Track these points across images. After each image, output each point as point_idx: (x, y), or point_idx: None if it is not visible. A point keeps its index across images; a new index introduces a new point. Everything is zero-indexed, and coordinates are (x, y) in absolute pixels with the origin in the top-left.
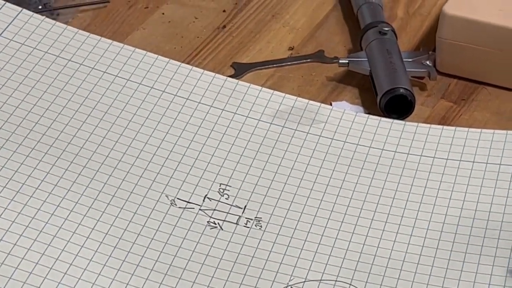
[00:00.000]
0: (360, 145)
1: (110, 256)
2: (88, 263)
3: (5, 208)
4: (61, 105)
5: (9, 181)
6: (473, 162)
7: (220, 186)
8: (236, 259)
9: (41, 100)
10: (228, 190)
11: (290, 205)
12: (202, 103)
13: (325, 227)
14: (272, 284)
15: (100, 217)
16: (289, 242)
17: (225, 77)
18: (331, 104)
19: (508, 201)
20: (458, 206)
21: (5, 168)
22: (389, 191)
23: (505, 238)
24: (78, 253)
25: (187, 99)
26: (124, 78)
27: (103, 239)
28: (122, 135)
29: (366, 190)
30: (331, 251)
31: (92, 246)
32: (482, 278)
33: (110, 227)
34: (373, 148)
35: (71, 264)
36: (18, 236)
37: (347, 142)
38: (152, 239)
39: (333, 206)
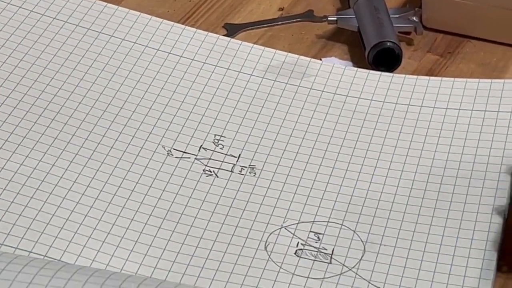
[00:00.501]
0: (350, 96)
1: (110, 203)
2: (89, 210)
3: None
4: (58, 64)
5: (10, 135)
6: (459, 109)
7: (214, 137)
8: (232, 203)
9: (39, 59)
10: (223, 141)
11: (283, 153)
12: (196, 60)
13: (317, 172)
14: (266, 226)
15: (100, 167)
16: (283, 187)
17: (217, 35)
18: (321, 60)
19: (493, 145)
20: (445, 150)
21: (6, 123)
22: (378, 139)
23: (490, 179)
24: (79, 200)
25: (180, 56)
26: (119, 38)
27: (103, 187)
28: (119, 91)
29: (356, 138)
30: (323, 195)
31: (92, 194)
32: (468, 216)
33: (109, 176)
34: (362, 99)
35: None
36: (15, 195)
37: (336, 94)
38: (150, 187)
39: (324, 153)
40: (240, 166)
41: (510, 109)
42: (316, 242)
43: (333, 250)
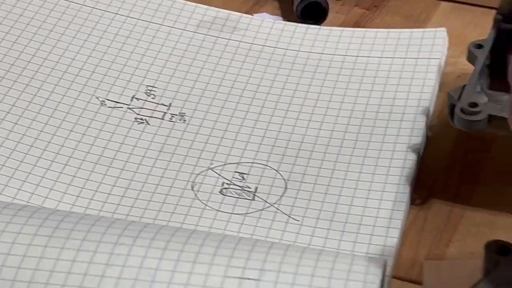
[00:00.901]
0: (278, 48)
1: (44, 150)
2: (24, 157)
3: None
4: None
5: None
6: (381, 57)
7: (147, 88)
8: (162, 148)
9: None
10: (155, 91)
11: (212, 101)
12: (130, 17)
13: (244, 118)
14: (194, 168)
15: (36, 117)
16: (210, 133)
17: None
18: (252, 15)
19: (411, 89)
20: (366, 95)
21: None
22: (303, 86)
23: (407, 120)
24: (15, 148)
25: (116, 14)
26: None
27: (39, 135)
28: (55, 47)
29: (282, 86)
30: (249, 139)
31: (27, 142)
32: (385, 154)
33: (44, 126)
34: (290, 50)
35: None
36: None
37: (265, 46)
38: (84, 134)
39: (252, 101)
40: (171, 114)
41: (428, 56)
42: (240, 181)
43: (256, 188)
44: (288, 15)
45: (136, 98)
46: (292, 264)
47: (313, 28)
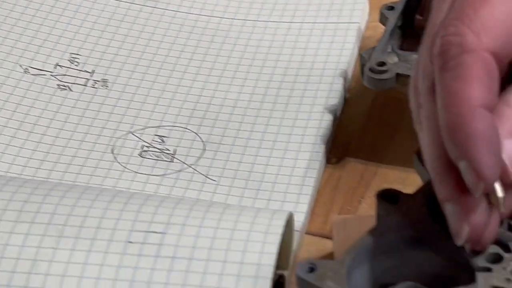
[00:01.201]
0: (202, 15)
1: None
2: None
3: None
4: None
5: None
6: (302, 23)
7: (71, 55)
8: (83, 114)
9: None
10: (78, 59)
11: (135, 67)
12: None
13: (166, 83)
14: (114, 132)
15: None
16: (132, 98)
17: None
18: None
19: (331, 52)
20: (286, 59)
21: None
22: (225, 52)
23: (325, 82)
24: None
25: None
26: None
27: None
28: None
29: (204, 52)
30: (170, 103)
31: None
32: (302, 115)
33: None
34: (213, 17)
35: None
36: None
37: (190, 13)
38: (6, 101)
39: (174, 67)
40: (94, 80)
41: (347, 20)
42: (160, 144)
43: (175, 150)
44: None
45: (59, 65)
46: (197, 217)
47: None
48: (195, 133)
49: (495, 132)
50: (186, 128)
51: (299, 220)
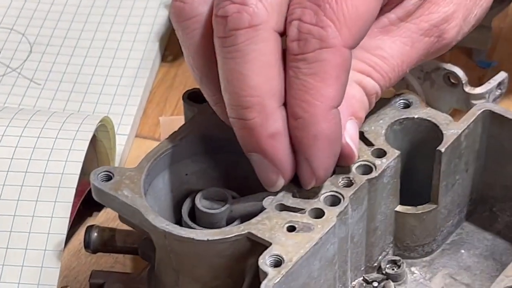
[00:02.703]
0: None
1: None
2: None
3: None
4: None
5: None
6: None
7: None
8: None
9: None
10: None
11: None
12: None
13: None
14: None
15: None
16: None
17: None
18: None
19: None
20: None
21: None
22: None
23: None
24: None
25: None
26: None
27: None
28: None
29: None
30: None
31: None
32: (136, 11)
33: None
34: None
35: None
36: None
37: None
38: None
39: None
40: None
41: None
42: None
43: None
44: None
45: None
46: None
47: None
48: (21, 34)
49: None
50: (12, 29)
51: (128, 123)
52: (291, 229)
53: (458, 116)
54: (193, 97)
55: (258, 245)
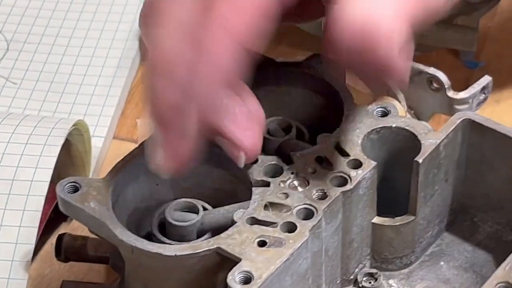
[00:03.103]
0: None
1: None
2: None
3: None
4: None
5: None
6: None
7: None
8: None
9: None
10: None
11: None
12: None
13: None
14: None
15: None
16: None
17: None
18: None
19: None
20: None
21: None
22: None
23: None
24: None
25: None
26: None
27: None
28: None
29: None
30: None
31: None
32: (116, 9)
33: None
34: None
35: None
36: None
37: None
38: None
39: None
40: None
41: None
42: None
43: None
44: None
45: None
46: None
47: None
48: None
49: None
50: None
51: (105, 125)
52: (262, 244)
53: (443, 119)
54: None
55: (228, 260)
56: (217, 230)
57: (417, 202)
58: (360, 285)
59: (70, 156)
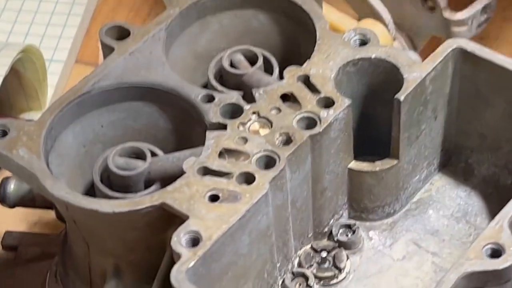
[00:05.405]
0: None
1: None
2: None
3: None
4: None
5: None
6: None
7: None
8: None
9: None
10: None
11: None
12: None
13: None
14: None
15: None
16: None
17: None
18: None
19: None
20: None
21: None
22: None
23: None
24: None
25: None
26: None
27: None
28: None
29: None
30: None
31: None
32: None
33: None
34: None
35: None
36: None
37: None
38: None
39: None
40: None
41: None
42: None
43: None
44: None
45: None
46: None
47: None
48: None
49: None
50: None
51: (65, 47)
52: (214, 198)
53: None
54: (111, 33)
55: (175, 216)
56: (168, 180)
57: (400, 144)
58: (335, 239)
59: (22, 86)
